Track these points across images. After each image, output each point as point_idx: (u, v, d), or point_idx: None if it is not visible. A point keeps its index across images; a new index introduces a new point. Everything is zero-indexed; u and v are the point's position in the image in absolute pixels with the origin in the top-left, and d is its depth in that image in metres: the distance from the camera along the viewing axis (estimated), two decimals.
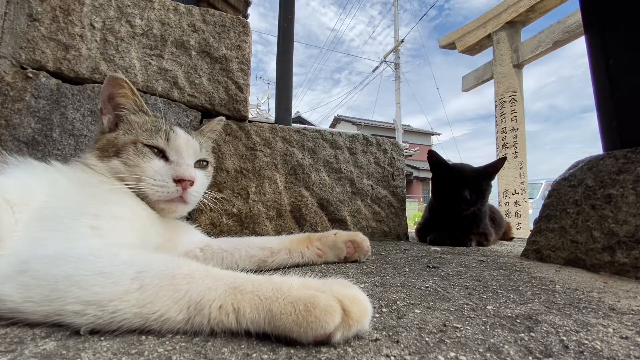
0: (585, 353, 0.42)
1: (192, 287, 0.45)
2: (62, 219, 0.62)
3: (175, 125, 0.90)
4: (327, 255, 1.01)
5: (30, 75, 1.31)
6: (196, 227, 1.00)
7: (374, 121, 21.00)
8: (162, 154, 0.83)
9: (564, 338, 0.46)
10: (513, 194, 5.33)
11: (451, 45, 6.40)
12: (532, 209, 6.12)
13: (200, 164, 0.92)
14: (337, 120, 20.80)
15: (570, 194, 1.11)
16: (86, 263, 0.48)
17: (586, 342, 0.45)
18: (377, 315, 0.55)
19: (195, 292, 0.45)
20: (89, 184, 0.75)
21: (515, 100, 5.42)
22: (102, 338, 0.43)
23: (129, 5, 1.50)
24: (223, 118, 1.13)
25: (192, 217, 1.45)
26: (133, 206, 0.76)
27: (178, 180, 0.80)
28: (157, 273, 0.47)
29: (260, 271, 0.89)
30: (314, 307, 0.41)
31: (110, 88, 0.86)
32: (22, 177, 0.69)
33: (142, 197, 0.79)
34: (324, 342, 0.42)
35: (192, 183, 0.82)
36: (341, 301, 0.43)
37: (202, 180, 0.90)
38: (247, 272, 0.51)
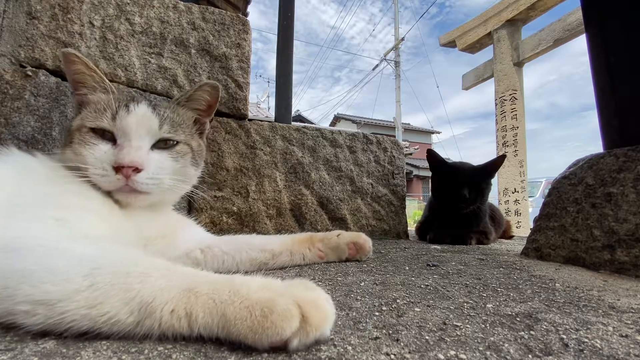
0: (585, 351, 0.42)
1: (144, 287, 0.41)
2: (26, 208, 0.58)
3: (143, 102, 0.78)
4: (329, 256, 1.02)
5: (30, 73, 1.30)
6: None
7: (374, 120, 20.97)
8: (111, 135, 0.73)
9: (564, 336, 0.46)
10: (513, 193, 5.33)
11: (451, 44, 6.40)
12: (532, 208, 6.13)
13: (166, 143, 0.77)
14: (337, 119, 20.76)
15: (571, 193, 1.11)
16: (35, 256, 0.44)
17: (586, 340, 0.45)
18: (377, 313, 0.55)
19: (147, 292, 0.41)
20: (61, 175, 0.71)
21: (516, 99, 5.42)
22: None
23: (128, 3, 1.49)
24: (211, 82, 0.88)
25: (192, 214, 1.45)
26: (103, 197, 0.70)
27: (118, 168, 0.68)
28: (111, 270, 0.43)
29: (261, 271, 0.89)
30: (270, 311, 0.38)
31: (65, 66, 0.76)
32: None
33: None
34: (281, 348, 0.39)
35: (136, 169, 0.69)
36: (300, 306, 0.40)
37: (165, 163, 0.75)
38: (247, 273, 0.49)
